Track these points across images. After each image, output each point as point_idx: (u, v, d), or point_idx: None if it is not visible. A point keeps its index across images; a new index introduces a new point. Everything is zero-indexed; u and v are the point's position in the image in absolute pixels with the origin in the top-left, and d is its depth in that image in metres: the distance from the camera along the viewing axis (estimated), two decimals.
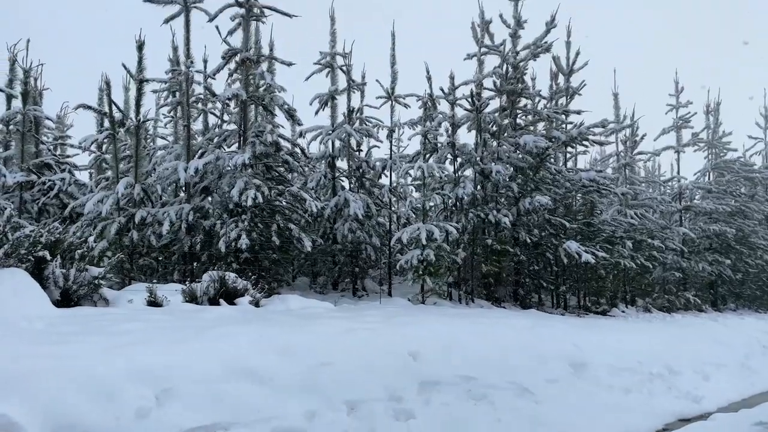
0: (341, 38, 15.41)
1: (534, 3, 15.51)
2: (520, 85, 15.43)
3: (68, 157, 16.69)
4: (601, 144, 17.41)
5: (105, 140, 13.93)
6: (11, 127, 14.68)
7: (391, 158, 15.94)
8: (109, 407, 4.22)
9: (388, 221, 15.74)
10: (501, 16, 15.55)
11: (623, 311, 16.50)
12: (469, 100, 14.91)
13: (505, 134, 15.61)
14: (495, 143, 15.26)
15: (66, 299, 7.89)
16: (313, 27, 14.89)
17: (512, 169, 15.04)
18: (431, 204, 14.40)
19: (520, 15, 15.49)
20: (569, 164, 18.23)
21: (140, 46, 13.07)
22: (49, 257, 7.87)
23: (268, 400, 4.86)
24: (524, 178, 14.99)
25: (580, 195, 16.85)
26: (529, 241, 14.43)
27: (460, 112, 15.33)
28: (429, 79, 15.01)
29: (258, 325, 6.42)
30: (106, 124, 13.94)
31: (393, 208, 16.37)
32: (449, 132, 15.12)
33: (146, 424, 4.22)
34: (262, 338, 5.78)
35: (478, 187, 14.98)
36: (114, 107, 13.05)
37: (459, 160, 15.06)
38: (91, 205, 11.97)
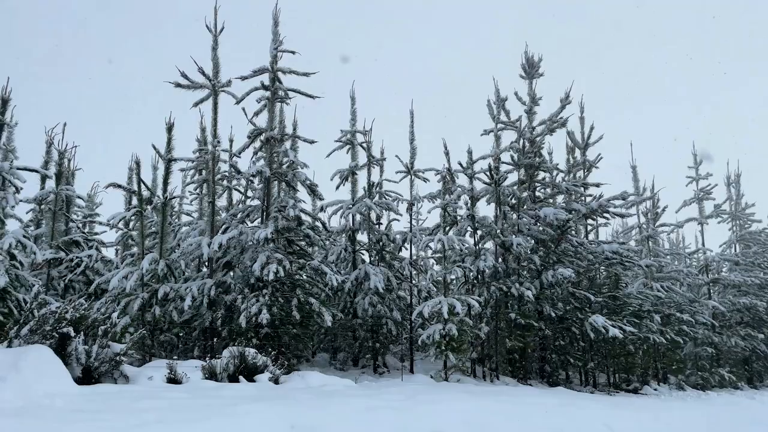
0: (361, 116, 16.01)
1: (546, 80, 16.04)
2: (537, 159, 15.66)
3: (96, 234, 17.10)
4: (621, 216, 17.34)
5: (132, 217, 14.32)
6: (43, 206, 15.20)
7: (411, 231, 16.05)
8: None
9: (409, 295, 15.62)
10: (516, 93, 16.05)
11: (655, 389, 15.81)
12: (488, 173, 15.14)
13: (525, 207, 15.69)
14: (515, 216, 15.32)
15: (87, 376, 7.86)
16: (334, 104, 15.48)
17: (533, 241, 15.00)
18: (452, 277, 14.31)
19: (535, 93, 15.97)
20: (591, 236, 18.12)
21: (170, 128, 13.69)
22: (73, 333, 7.93)
23: None
24: (546, 250, 14.91)
25: (603, 267, 16.63)
26: (553, 315, 14.15)
27: (478, 186, 15.55)
28: (447, 154, 15.34)
29: (277, 404, 6.30)
30: (135, 201, 14.37)
31: (414, 282, 16.29)
32: (468, 205, 15.26)
33: None
34: (281, 418, 5.65)
35: (500, 259, 14.91)
36: (142, 186, 13.51)
37: (479, 232, 15.09)
38: (116, 281, 12.15)
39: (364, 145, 15.80)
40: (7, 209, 10.51)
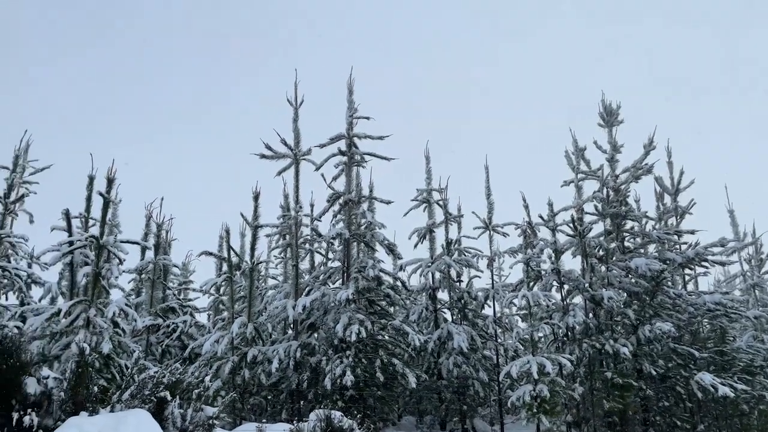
0: (436, 174, 16.20)
1: (626, 126, 15.60)
2: (623, 208, 15.05)
3: (190, 300, 18.00)
4: (722, 264, 16.14)
5: (223, 283, 15.01)
6: (143, 275, 16.28)
7: (493, 288, 15.69)
8: None
9: (495, 354, 15.11)
10: (595, 142, 15.70)
11: None
12: (571, 225, 14.68)
13: (614, 258, 14.98)
14: (603, 268, 14.64)
15: None
16: (409, 163, 15.80)
17: (625, 294, 14.20)
18: (540, 335, 13.73)
19: (616, 140, 15.55)
20: (689, 287, 16.92)
21: (256, 197, 14.45)
22: (169, 397, 8.26)
23: None
24: (640, 303, 14.05)
25: (706, 320, 15.38)
26: (654, 373, 13.15)
27: (562, 238, 15.06)
28: (526, 207, 15.09)
29: None
30: (225, 268, 15.08)
31: (499, 340, 15.78)
32: (552, 258, 14.77)
33: None
34: None
35: (590, 315, 14.19)
36: (232, 252, 14.20)
37: (566, 287, 14.50)
38: (208, 346, 12.63)
39: (441, 202, 15.88)
40: (112, 280, 11.33)
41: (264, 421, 11.00)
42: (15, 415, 7.52)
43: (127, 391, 8.41)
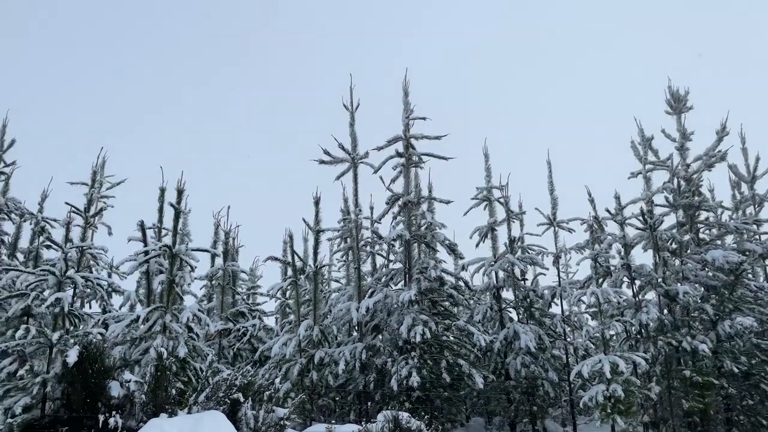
0: (496, 171, 15.92)
1: (696, 113, 14.84)
2: (696, 198, 14.31)
3: (258, 304, 18.53)
4: None
5: (288, 287, 15.37)
6: (213, 281, 16.91)
7: (559, 285, 15.29)
8: None
9: (564, 353, 14.71)
10: (663, 131, 15.02)
11: None
12: (640, 218, 14.10)
13: (688, 251, 14.28)
14: (677, 262, 13.98)
15: None
16: (467, 161, 15.63)
17: (702, 288, 13.51)
18: (611, 333, 13.27)
19: (685, 128, 14.83)
20: None
21: (317, 202, 14.72)
22: (242, 399, 8.54)
23: None
24: (719, 298, 13.32)
25: None
26: (736, 370, 12.43)
27: (631, 232, 14.49)
28: (592, 201, 14.63)
29: None
30: (289, 272, 15.44)
31: (568, 339, 15.35)
32: (622, 253, 14.24)
33: None
34: None
35: (664, 311, 13.58)
36: (296, 257, 14.53)
37: (637, 282, 13.94)
38: (276, 348, 12.97)
39: (502, 200, 15.62)
40: (185, 286, 11.82)
41: (333, 422, 11.18)
42: (101, 417, 7.99)
43: (202, 394, 8.76)
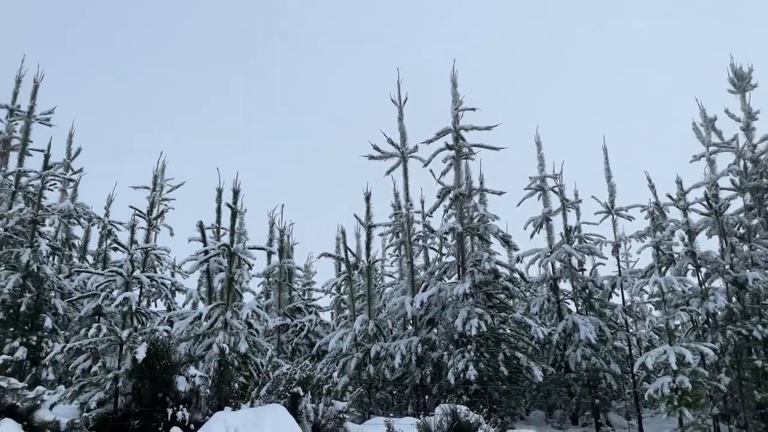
0: (549, 160, 15.56)
1: (761, 91, 14.04)
2: (765, 180, 13.56)
3: (314, 300, 18.86)
4: None
5: (342, 283, 15.57)
6: (270, 278, 17.32)
7: (620, 275, 14.82)
8: None
9: (627, 345, 14.27)
10: (727, 111, 14.29)
11: None
12: (705, 203, 13.48)
13: (757, 236, 13.55)
14: (745, 247, 13.29)
15: None
16: (519, 152, 15.35)
17: None
18: (676, 323, 12.74)
19: (750, 107, 14.06)
20: None
21: (367, 197, 14.82)
22: (302, 393, 8.73)
23: None
24: None
25: None
26: None
27: (694, 218, 13.87)
28: (652, 187, 14.08)
29: None
30: (343, 268, 15.63)
31: (630, 330, 14.88)
32: (685, 240, 13.64)
33: None
34: None
35: (733, 299, 12.95)
36: (348, 253, 14.69)
37: (703, 270, 13.33)
38: (333, 343, 13.17)
39: (556, 189, 15.27)
40: (243, 284, 12.18)
41: (391, 415, 11.27)
42: (169, 411, 8.34)
43: (264, 387, 9.00)
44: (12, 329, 11.90)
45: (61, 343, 10.16)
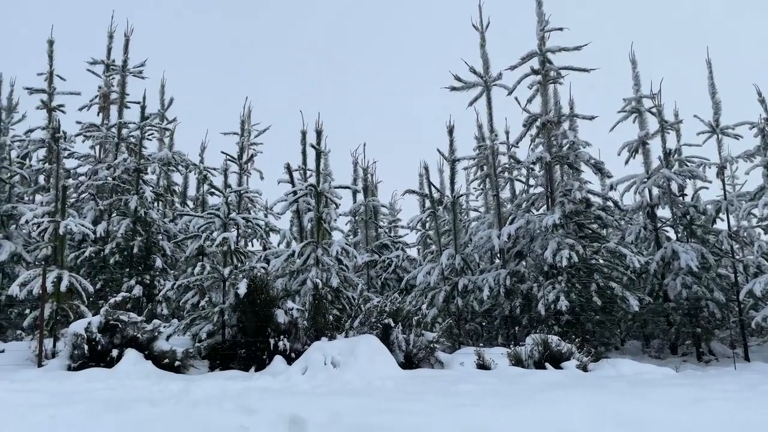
0: (645, 80, 14.44)
1: None
2: None
3: (400, 237, 19.14)
4: None
5: (427, 219, 15.61)
6: (356, 217, 17.70)
7: (725, 199, 13.78)
8: None
9: (732, 272, 13.42)
10: None
11: None
12: None
13: None
14: None
15: (408, 361, 8.84)
16: (611, 74, 14.29)
17: None
18: None
19: None
20: None
21: (450, 131, 14.54)
22: (392, 324, 9.00)
23: None
24: None
25: None
26: None
27: None
28: (762, 101, 12.77)
29: (589, 392, 6.07)
30: (427, 204, 15.64)
31: (736, 256, 13.94)
32: None
33: None
34: (596, 406, 5.42)
35: None
36: (432, 188, 14.63)
37: None
38: (421, 277, 13.39)
39: (654, 110, 14.20)
40: (331, 223, 12.52)
41: (481, 345, 11.43)
42: (271, 341, 8.91)
43: (356, 319, 9.37)
44: (128, 269, 13.05)
45: (171, 281, 11.03)
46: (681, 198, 14.02)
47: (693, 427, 5.04)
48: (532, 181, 16.08)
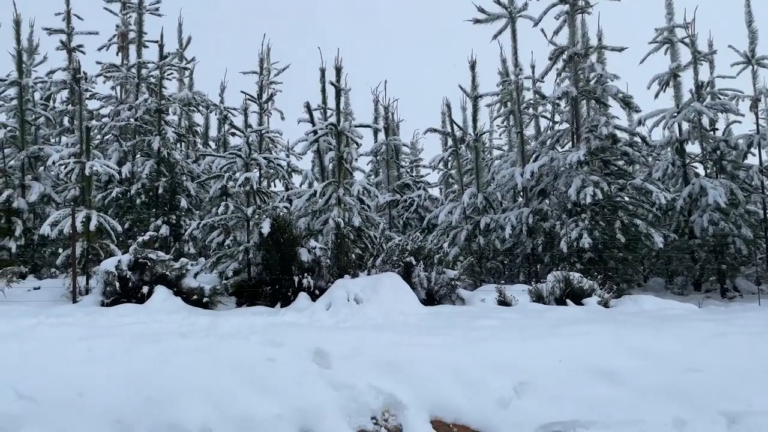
0: (680, 8, 13.70)
1: None
2: None
3: (422, 176, 19.05)
4: None
5: (449, 157, 15.45)
6: (378, 156, 17.59)
7: (758, 133, 13.32)
8: (473, 394, 4.61)
9: (762, 208, 13.14)
10: None
11: None
12: None
13: None
14: None
15: (430, 298, 8.99)
16: (642, 1, 13.60)
17: None
18: None
19: None
20: None
21: (473, 66, 14.12)
22: (414, 262, 9.10)
23: (626, 402, 4.58)
24: None
25: None
26: None
27: None
28: None
29: (609, 326, 6.13)
30: (449, 142, 15.43)
31: (767, 192, 13.61)
32: None
33: (507, 413, 4.46)
34: (616, 339, 5.49)
35: None
36: (455, 126, 14.40)
37: None
38: (442, 216, 13.39)
39: (687, 40, 13.55)
40: (353, 162, 12.47)
41: (502, 282, 11.54)
42: (296, 279, 9.10)
43: (379, 258, 9.48)
44: (154, 210, 13.30)
45: (196, 221, 11.23)
46: (712, 133, 13.59)
47: (712, 359, 5.08)
48: (557, 118, 15.70)
